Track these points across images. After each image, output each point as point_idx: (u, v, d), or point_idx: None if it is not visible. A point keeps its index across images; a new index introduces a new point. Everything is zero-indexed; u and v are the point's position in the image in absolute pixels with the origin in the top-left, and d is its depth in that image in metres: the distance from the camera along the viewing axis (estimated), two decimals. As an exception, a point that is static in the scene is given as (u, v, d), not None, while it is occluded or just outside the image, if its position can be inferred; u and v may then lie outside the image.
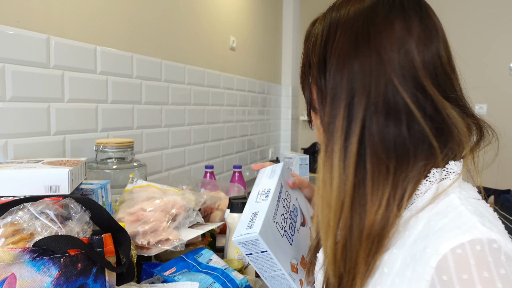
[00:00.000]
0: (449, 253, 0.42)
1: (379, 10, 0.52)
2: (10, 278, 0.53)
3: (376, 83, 0.50)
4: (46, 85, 1.18)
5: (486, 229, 0.43)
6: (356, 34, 0.52)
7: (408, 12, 0.52)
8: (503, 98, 3.12)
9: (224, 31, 2.28)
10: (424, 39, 0.53)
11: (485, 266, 0.41)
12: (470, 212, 0.45)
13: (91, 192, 1.01)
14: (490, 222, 0.45)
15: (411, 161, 0.51)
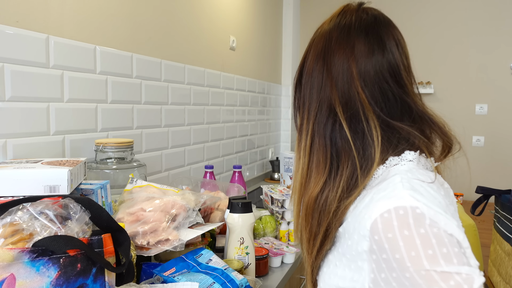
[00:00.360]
0: (378, 217, 0.53)
1: (333, 33, 0.66)
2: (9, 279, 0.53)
3: (323, 93, 0.64)
4: (46, 85, 1.17)
5: (412, 199, 0.52)
6: (317, 54, 0.66)
7: (353, 35, 0.63)
8: (504, 98, 3.12)
9: (224, 31, 2.28)
10: (364, 55, 0.62)
11: (406, 226, 0.51)
12: (404, 187, 0.55)
13: (90, 192, 1.01)
14: (421, 196, 0.53)
15: (352, 154, 0.62)
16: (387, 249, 0.51)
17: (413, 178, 0.57)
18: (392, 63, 0.63)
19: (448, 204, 0.57)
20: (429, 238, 0.49)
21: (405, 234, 0.50)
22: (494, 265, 1.52)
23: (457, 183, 3.26)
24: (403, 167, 0.60)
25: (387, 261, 0.52)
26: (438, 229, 0.50)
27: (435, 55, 3.26)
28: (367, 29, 0.63)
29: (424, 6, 3.24)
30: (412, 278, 0.49)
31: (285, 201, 1.49)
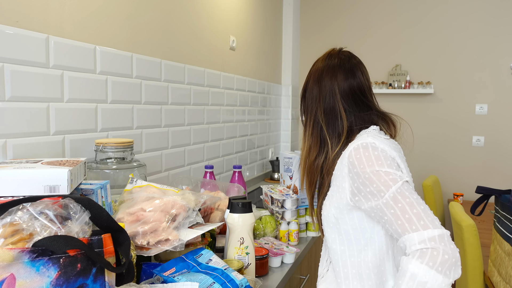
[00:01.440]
0: (352, 149, 0.95)
1: (324, 68, 1.09)
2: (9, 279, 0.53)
3: (320, 101, 1.08)
4: (46, 85, 1.17)
5: (372, 139, 0.94)
6: (314, 80, 1.10)
7: (336, 69, 1.07)
8: (504, 98, 3.11)
9: (224, 30, 2.28)
10: (343, 80, 1.06)
11: (366, 151, 0.92)
12: (368, 136, 0.97)
13: (90, 192, 1.01)
14: (378, 140, 0.95)
15: (328, 138, 1.07)
16: (356, 164, 0.92)
17: (374, 135, 0.98)
18: (359, 84, 1.07)
19: (396, 151, 0.98)
20: (379, 156, 0.91)
21: (366, 154, 0.92)
22: (494, 265, 1.51)
23: (457, 183, 3.27)
24: (372, 134, 0.99)
25: (356, 173, 0.92)
26: (385, 153, 0.92)
27: (435, 55, 3.26)
28: (344, 65, 1.07)
29: (424, 6, 3.24)
30: (369, 177, 0.89)
31: (285, 201, 1.49)
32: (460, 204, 2.08)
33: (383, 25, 3.32)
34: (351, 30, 3.40)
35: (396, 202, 0.85)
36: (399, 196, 0.85)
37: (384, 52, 3.35)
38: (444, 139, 3.29)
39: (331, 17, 3.44)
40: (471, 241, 1.74)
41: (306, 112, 1.12)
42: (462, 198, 3.02)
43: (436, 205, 2.92)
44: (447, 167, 3.30)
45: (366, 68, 1.11)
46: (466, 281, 1.79)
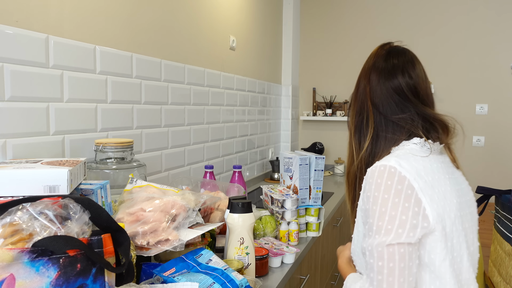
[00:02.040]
0: (369, 170, 0.85)
1: (371, 69, 0.98)
2: (9, 279, 0.53)
3: (355, 102, 1.01)
4: (45, 84, 1.17)
5: (394, 162, 0.81)
6: (363, 77, 1.00)
7: (370, 69, 0.98)
8: (504, 98, 3.11)
9: (224, 31, 2.28)
10: (384, 78, 0.95)
11: (381, 177, 0.81)
12: (393, 156, 0.85)
13: (90, 192, 1.01)
14: (404, 161, 0.82)
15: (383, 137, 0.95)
16: (367, 188, 0.83)
17: (407, 153, 0.86)
18: (396, 85, 0.94)
19: (433, 172, 0.85)
20: (390, 188, 0.79)
21: (378, 181, 0.81)
22: (494, 265, 1.51)
23: (457, 183, 3.26)
24: (408, 148, 0.89)
25: (363, 197, 0.84)
26: (401, 186, 0.79)
27: (435, 55, 3.26)
28: (379, 64, 0.97)
29: (424, 6, 3.24)
30: (369, 209, 0.81)
31: (285, 201, 1.49)
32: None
33: (383, 25, 3.32)
34: (351, 30, 3.40)
35: (376, 258, 0.78)
36: (380, 256, 0.77)
37: (384, 52, 3.35)
38: (444, 139, 3.29)
39: (331, 17, 3.44)
40: (471, 241, 1.74)
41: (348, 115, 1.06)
42: (462, 198, 3.02)
43: (436, 205, 2.92)
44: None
45: (414, 66, 0.96)
46: (466, 281, 1.79)
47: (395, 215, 0.77)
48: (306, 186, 1.58)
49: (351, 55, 3.39)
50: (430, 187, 0.81)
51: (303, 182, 1.57)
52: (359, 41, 3.39)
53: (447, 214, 0.82)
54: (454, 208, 0.84)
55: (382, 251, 0.76)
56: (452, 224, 0.82)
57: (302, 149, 3.34)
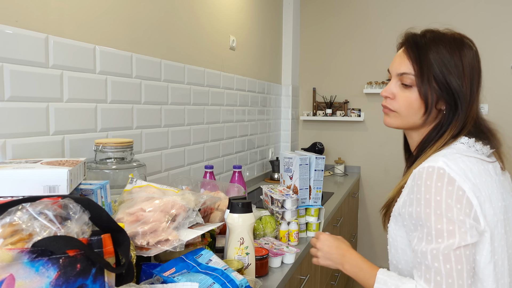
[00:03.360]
0: (416, 170, 0.83)
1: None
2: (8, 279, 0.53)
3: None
4: (45, 84, 1.17)
5: (442, 163, 0.80)
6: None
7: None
8: (504, 98, 3.11)
9: (224, 30, 2.28)
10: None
11: (430, 178, 0.79)
12: (442, 156, 0.83)
13: (90, 192, 1.01)
14: (452, 161, 0.81)
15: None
16: (415, 190, 0.81)
17: (454, 152, 0.84)
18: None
19: (483, 176, 0.83)
20: (441, 190, 0.77)
21: (427, 183, 0.79)
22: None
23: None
24: (456, 146, 0.87)
25: (412, 199, 0.82)
26: (452, 187, 0.77)
27: (435, 55, 3.26)
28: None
29: (423, 6, 3.24)
30: (421, 212, 0.79)
31: (285, 201, 1.48)
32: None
33: (383, 24, 3.32)
34: (351, 30, 3.40)
35: (440, 260, 0.76)
36: (446, 258, 0.76)
37: (385, 52, 3.34)
38: (444, 139, 3.29)
39: (331, 17, 3.43)
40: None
41: None
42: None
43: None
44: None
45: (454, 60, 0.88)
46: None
47: (451, 216, 0.76)
48: (306, 186, 1.58)
49: (351, 55, 3.39)
50: (478, 190, 0.80)
51: (303, 182, 1.57)
52: (359, 41, 3.38)
53: (493, 217, 0.81)
54: (498, 211, 0.83)
55: (449, 254, 0.75)
56: (496, 227, 0.82)
57: (302, 149, 3.34)
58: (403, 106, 0.92)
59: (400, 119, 0.94)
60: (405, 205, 0.85)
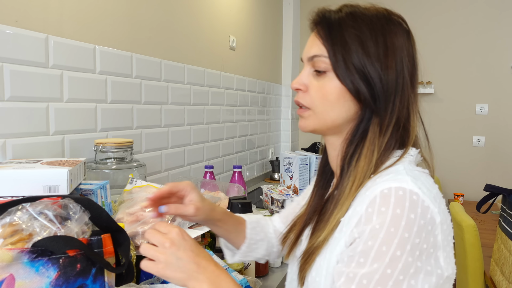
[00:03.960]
0: (379, 193, 0.57)
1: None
2: (8, 279, 0.53)
3: None
4: (45, 84, 1.17)
5: (413, 185, 0.57)
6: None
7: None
8: (504, 98, 3.11)
9: (224, 31, 2.28)
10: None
11: (401, 206, 0.55)
12: (407, 174, 0.60)
13: (90, 192, 1.01)
14: (422, 184, 0.59)
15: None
16: (374, 220, 0.56)
17: (414, 170, 0.64)
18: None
19: (441, 198, 0.62)
20: (415, 226, 0.55)
21: (396, 212, 0.55)
22: (497, 264, 1.51)
23: (457, 183, 3.26)
24: (407, 160, 0.67)
25: (362, 231, 0.57)
26: (424, 221, 0.56)
27: (435, 55, 3.25)
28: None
29: (423, 6, 3.24)
30: (372, 248, 0.55)
31: (285, 201, 1.48)
32: (461, 204, 2.08)
33: (383, 25, 3.32)
34: (351, 30, 3.40)
35: None
36: None
37: (384, 52, 3.35)
38: (444, 139, 3.29)
39: (331, 17, 3.43)
40: (471, 241, 1.74)
41: None
42: (462, 198, 3.02)
43: (437, 205, 2.92)
44: (448, 167, 3.30)
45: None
46: (466, 282, 1.79)
47: (412, 261, 0.54)
48: (306, 186, 1.58)
49: (351, 55, 3.38)
50: (446, 221, 0.60)
51: (303, 182, 1.57)
52: (359, 41, 3.38)
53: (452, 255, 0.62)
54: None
55: None
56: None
57: (302, 149, 3.34)
58: (317, 98, 0.69)
59: (316, 117, 0.70)
60: (341, 242, 0.60)
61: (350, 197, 0.63)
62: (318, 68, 0.69)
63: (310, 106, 0.70)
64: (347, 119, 0.69)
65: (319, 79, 0.69)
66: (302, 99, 0.71)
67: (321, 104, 0.69)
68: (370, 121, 0.67)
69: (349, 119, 0.69)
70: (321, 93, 0.68)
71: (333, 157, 0.75)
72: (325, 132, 0.73)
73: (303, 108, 0.72)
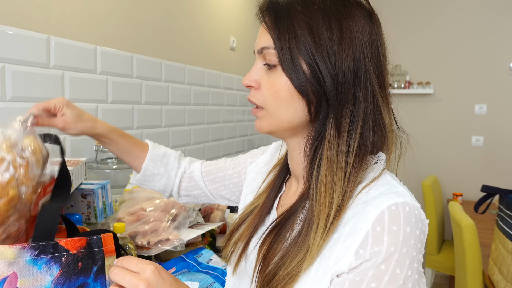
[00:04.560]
0: (386, 209, 0.52)
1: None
2: (11, 277, 0.54)
3: None
4: (46, 85, 1.18)
5: (412, 198, 0.55)
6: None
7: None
8: (503, 98, 3.12)
9: (224, 31, 2.28)
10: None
11: (409, 224, 0.52)
12: (400, 185, 0.57)
13: (91, 192, 1.01)
14: (411, 195, 0.56)
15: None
16: (386, 241, 0.51)
17: (391, 177, 0.59)
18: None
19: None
20: (418, 242, 0.53)
21: (407, 231, 0.51)
22: (495, 263, 1.52)
23: (456, 183, 3.27)
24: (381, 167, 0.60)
25: (376, 254, 0.51)
26: (424, 236, 0.54)
27: (434, 55, 3.26)
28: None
29: (423, 6, 3.24)
30: (389, 271, 0.51)
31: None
32: (460, 204, 2.09)
33: (383, 25, 3.33)
34: (350, 30, 3.41)
35: None
36: None
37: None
38: (443, 139, 3.30)
39: (331, 17, 3.44)
40: (470, 240, 1.75)
41: None
42: (461, 198, 3.03)
43: (436, 205, 2.93)
44: (447, 167, 3.30)
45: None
46: (465, 281, 1.80)
47: (416, 277, 0.53)
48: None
49: (351, 55, 3.39)
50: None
51: (303, 182, 1.57)
52: (359, 41, 3.39)
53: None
54: None
55: None
56: None
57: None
58: (269, 96, 0.60)
59: (270, 118, 0.62)
60: (352, 264, 0.52)
61: (336, 216, 0.55)
62: (268, 61, 0.61)
63: (263, 105, 0.62)
64: (305, 120, 0.60)
65: (270, 74, 0.61)
66: (254, 98, 0.63)
67: (273, 103, 0.60)
68: (327, 120, 0.58)
69: (308, 119, 0.60)
70: (273, 91, 0.60)
71: (297, 161, 0.65)
72: (283, 134, 0.64)
73: (258, 107, 0.63)
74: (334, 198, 0.56)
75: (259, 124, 0.63)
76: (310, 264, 0.55)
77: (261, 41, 0.64)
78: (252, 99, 0.63)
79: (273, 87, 0.60)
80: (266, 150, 0.83)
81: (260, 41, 0.64)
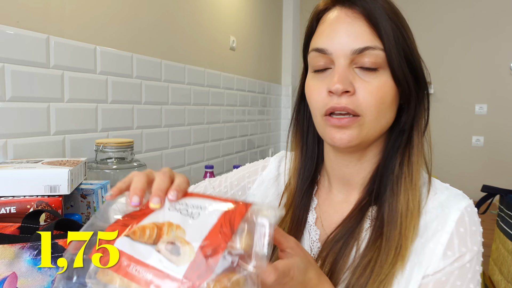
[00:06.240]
0: (464, 210, 0.55)
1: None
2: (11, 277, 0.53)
3: None
4: (46, 85, 1.18)
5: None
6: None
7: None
8: (503, 98, 3.12)
9: (224, 31, 2.28)
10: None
11: (479, 223, 0.56)
12: (446, 187, 0.61)
13: (91, 192, 1.01)
14: None
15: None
16: (469, 241, 0.54)
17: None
18: None
19: None
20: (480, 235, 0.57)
21: (480, 230, 0.56)
22: (495, 264, 1.52)
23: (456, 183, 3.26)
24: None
25: (462, 255, 0.53)
26: None
27: (434, 55, 3.26)
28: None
29: (423, 6, 3.24)
30: (472, 269, 0.54)
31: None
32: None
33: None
34: (350, 30, 3.41)
35: None
36: None
37: (384, 52, 3.36)
38: (444, 139, 3.30)
39: (331, 17, 3.44)
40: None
41: None
42: (462, 198, 3.02)
43: (436, 205, 2.93)
44: (447, 167, 3.30)
45: None
46: (466, 281, 1.79)
47: (479, 270, 0.57)
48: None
49: (351, 55, 3.39)
50: None
51: (303, 181, 1.57)
52: (359, 41, 3.39)
53: None
54: None
55: None
56: None
57: (302, 149, 3.34)
58: (372, 101, 0.55)
59: (365, 127, 0.56)
60: (440, 266, 0.54)
61: (418, 219, 0.56)
62: (368, 64, 0.54)
63: (361, 112, 0.55)
64: (389, 126, 0.59)
65: (371, 77, 0.55)
66: (352, 104, 0.54)
67: (376, 109, 0.55)
68: (415, 120, 0.60)
69: (391, 125, 0.59)
70: (379, 96, 0.54)
71: (357, 169, 0.61)
72: (364, 145, 0.59)
73: (348, 116, 0.55)
74: (414, 201, 0.57)
75: (349, 135, 0.55)
76: (402, 266, 0.53)
77: (358, 40, 0.55)
78: (350, 106, 0.54)
79: (379, 91, 0.55)
80: (266, 166, 0.75)
81: (357, 40, 0.55)
